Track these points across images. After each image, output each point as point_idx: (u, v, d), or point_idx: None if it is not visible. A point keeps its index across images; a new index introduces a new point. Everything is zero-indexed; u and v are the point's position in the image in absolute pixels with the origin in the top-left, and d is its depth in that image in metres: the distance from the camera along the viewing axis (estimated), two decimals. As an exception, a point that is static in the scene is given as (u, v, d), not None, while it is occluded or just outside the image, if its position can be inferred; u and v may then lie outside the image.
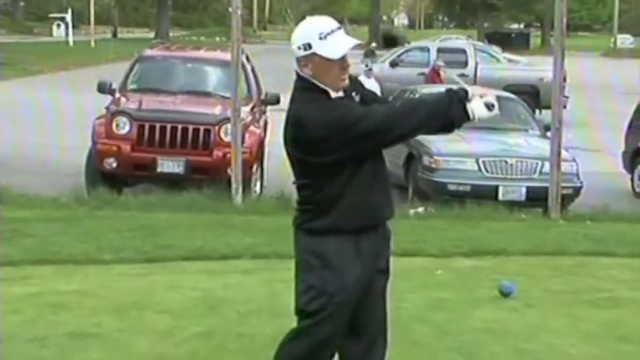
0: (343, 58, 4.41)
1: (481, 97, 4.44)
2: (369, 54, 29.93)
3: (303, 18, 4.56)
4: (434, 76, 25.13)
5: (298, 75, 4.52)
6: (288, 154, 4.60)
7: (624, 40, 79.53)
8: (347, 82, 4.50)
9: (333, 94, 4.47)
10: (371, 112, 4.46)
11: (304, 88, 4.48)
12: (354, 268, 4.52)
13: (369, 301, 4.66)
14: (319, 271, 4.51)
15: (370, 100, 4.67)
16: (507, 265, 9.09)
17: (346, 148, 4.39)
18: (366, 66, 22.32)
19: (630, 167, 16.89)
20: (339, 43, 4.39)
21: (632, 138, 17.27)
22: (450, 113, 4.42)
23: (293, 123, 4.49)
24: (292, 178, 4.69)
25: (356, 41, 4.44)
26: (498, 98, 4.56)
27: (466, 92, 4.44)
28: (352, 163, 4.46)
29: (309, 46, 4.39)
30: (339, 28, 4.43)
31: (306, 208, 4.58)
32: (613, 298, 8.02)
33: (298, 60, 4.46)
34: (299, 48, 4.41)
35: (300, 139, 4.46)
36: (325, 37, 4.38)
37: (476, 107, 4.41)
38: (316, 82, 4.45)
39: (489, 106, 4.41)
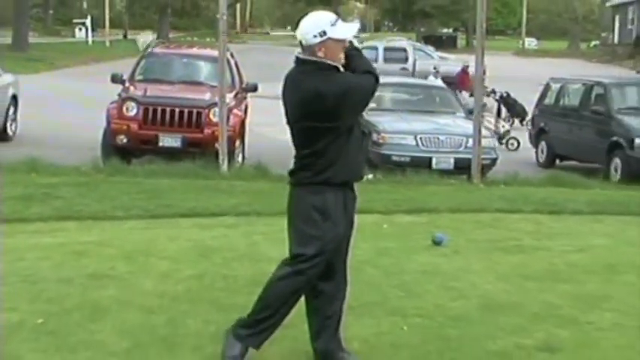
0: (346, 41, 4.47)
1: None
2: None
3: (277, 23, 4.58)
4: (464, 77, 24.27)
5: (302, 61, 4.46)
6: (299, 127, 4.49)
7: (530, 42, 79.74)
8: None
9: (341, 69, 4.48)
10: (361, 79, 4.48)
11: (314, 69, 4.41)
12: (343, 219, 4.53)
13: (340, 248, 4.65)
14: (320, 223, 4.46)
15: None
16: (439, 220, 9.11)
17: (352, 111, 4.43)
18: (434, 68, 21.88)
19: (535, 143, 17.03)
20: (347, 27, 4.44)
21: (536, 120, 17.41)
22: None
23: (312, 97, 4.36)
24: (267, 152, 4.66)
25: (358, 26, 4.56)
26: (432, 88, 4.65)
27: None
28: (347, 128, 4.46)
29: (324, 32, 4.37)
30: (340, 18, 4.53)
31: (308, 167, 4.49)
32: (520, 245, 8.06)
33: (310, 47, 4.40)
34: (314, 36, 4.38)
35: (319, 109, 4.36)
36: (335, 23, 4.41)
37: None
38: (327, 61, 4.41)
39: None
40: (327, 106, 4.34)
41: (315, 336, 4.77)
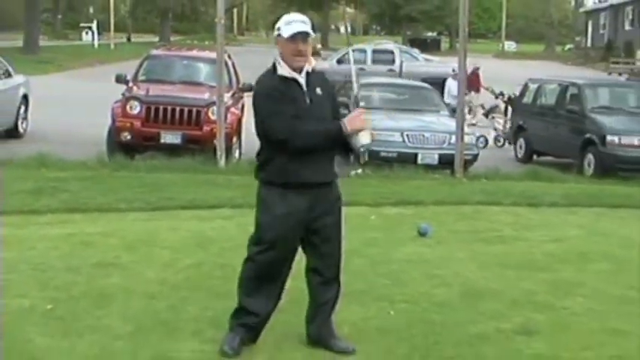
0: (294, 42, 4.39)
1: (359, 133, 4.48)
2: (315, 53, 29.43)
3: (271, 27, 4.61)
4: (474, 79, 23.76)
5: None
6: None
7: (509, 45, 79.82)
8: (301, 64, 4.46)
9: (281, 71, 4.44)
10: (287, 120, 4.36)
11: (273, 63, 4.53)
12: (280, 209, 4.48)
13: (321, 250, 4.64)
14: (259, 212, 4.59)
15: (331, 101, 4.63)
16: (424, 213, 9.10)
17: (260, 119, 4.50)
18: (453, 70, 21.28)
19: (514, 139, 17.03)
20: (292, 28, 4.41)
21: (515, 117, 17.40)
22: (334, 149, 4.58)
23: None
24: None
25: (302, 29, 4.40)
26: (418, 87, 4.61)
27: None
28: None
29: (279, 29, 4.46)
30: (302, 22, 4.45)
31: (257, 159, 4.66)
32: (500, 236, 8.07)
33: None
34: (275, 32, 4.51)
35: (253, 99, 4.52)
36: (289, 23, 4.43)
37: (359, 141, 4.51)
38: (279, 59, 4.47)
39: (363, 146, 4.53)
40: (254, 100, 4.49)
41: (310, 320, 4.80)
